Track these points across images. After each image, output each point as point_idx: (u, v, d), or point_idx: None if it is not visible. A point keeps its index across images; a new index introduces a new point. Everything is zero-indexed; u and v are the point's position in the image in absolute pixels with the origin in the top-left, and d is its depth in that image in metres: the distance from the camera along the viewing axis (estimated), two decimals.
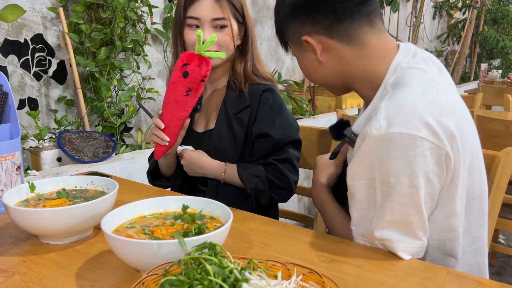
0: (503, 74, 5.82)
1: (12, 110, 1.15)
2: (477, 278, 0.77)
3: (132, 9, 2.30)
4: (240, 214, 1.05)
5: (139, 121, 2.67)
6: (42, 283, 0.76)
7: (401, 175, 0.80)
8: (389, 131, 0.79)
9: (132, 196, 1.18)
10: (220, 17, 1.24)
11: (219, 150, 1.32)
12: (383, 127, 0.80)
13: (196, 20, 1.25)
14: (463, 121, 0.88)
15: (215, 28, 1.25)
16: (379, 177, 0.83)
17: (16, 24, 2.05)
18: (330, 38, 0.91)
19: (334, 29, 0.90)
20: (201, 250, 0.62)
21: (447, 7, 5.84)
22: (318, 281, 0.61)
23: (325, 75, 0.97)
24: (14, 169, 1.08)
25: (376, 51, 0.92)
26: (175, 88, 1.16)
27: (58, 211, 0.85)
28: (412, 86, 0.84)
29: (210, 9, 1.24)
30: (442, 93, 0.85)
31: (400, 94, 0.83)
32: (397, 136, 0.79)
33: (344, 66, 0.93)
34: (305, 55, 0.97)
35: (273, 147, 1.28)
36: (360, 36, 0.91)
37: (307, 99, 3.46)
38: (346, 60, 0.93)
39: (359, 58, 0.92)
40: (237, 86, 1.32)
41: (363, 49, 0.92)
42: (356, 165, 0.86)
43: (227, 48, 1.28)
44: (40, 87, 2.18)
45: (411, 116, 0.79)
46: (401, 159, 0.80)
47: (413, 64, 0.89)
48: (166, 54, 2.75)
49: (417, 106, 0.80)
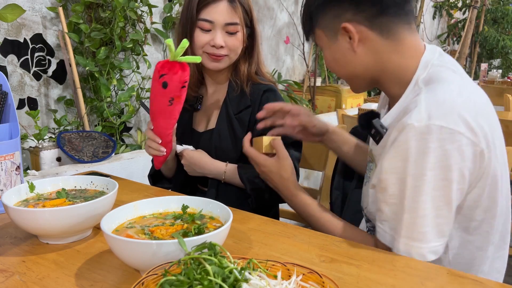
0: (503, 74, 5.82)
1: (12, 110, 1.15)
2: (477, 278, 0.77)
3: (132, 8, 2.30)
4: (240, 214, 1.05)
5: (138, 121, 2.67)
6: (41, 283, 0.76)
7: (436, 167, 0.81)
8: (429, 123, 0.80)
9: (131, 196, 1.18)
10: (233, 22, 1.25)
11: (220, 150, 1.32)
12: (424, 119, 0.81)
13: (209, 24, 1.24)
14: (494, 124, 0.89)
15: (227, 33, 1.25)
16: (414, 171, 0.82)
17: (16, 24, 2.05)
18: (370, 29, 0.92)
19: (376, 20, 0.91)
20: (201, 250, 0.62)
21: (447, 6, 5.84)
22: (318, 281, 0.61)
23: (356, 66, 0.96)
24: (14, 169, 1.08)
25: (409, 48, 0.93)
26: (157, 100, 1.12)
27: (57, 211, 0.85)
28: (449, 83, 0.86)
29: (225, 13, 1.24)
30: (475, 93, 0.88)
31: (439, 89, 0.85)
32: (437, 129, 0.80)
33: (377, 59, 0.94)
34: (338, 44, 0.95)
35: None
36: (398, 32, 0.92)
37: (307, 99, 3.46)
38: (380, 53, 0.93)
39: (393, 53, 0.93)
40: (239, 85, 1.32)
41: (398, 45, 0.93)
42: (391, 158, 0.85)
43: (236, 53, 1.28)
44: (40, 87, 2.18)
45: (451, 111, 0.81)
46: (438, 152, 0.80)
47: (443, 63, 0.91)
48: (166, 54, 2.74)
49: (456, 102, 0.82)
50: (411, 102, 0.87)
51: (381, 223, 0.91)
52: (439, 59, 0.93)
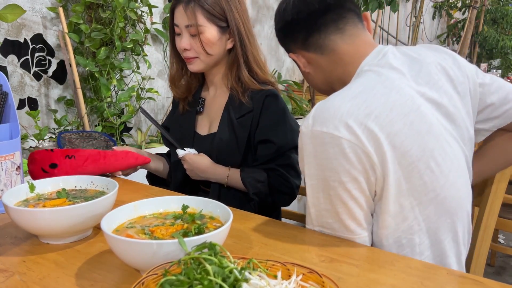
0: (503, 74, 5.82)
1: (12, 110, 1.15)
2: (477, 278, 0.77)
3: (132, 9, 2.30)
4: (240, 214, 1.05)
5: (138, 121, 2.67)
6: (42, 283, 0.76)
7: (325, 169, 0.86)
8: (313, 129, 0.86)
9: (132, 196, 1.18)
10: (190, 24, 1.25)
11: (222, 154, 1.32)
12: (310, 125, 0.87)
13: (177, 27, 1.29)
14: (408, 122, 0.87)
15: (191, 35, 1.27)
16: (308, 171, 0.89)
17: (16, 24, 2.05)
18: (307, 52, 1.02)
19: (307, 42, 1.00)
20: (201, 250, 0.62)
21: (446, 7, 5.84)
22: (318, 281, 0.61)
23: (317, 83, 1.08)
24: (14, 169, 1.08)
25: (346, 56, 0.99)
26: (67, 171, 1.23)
27: (58, 211, 0.85)
28: (350, 89, 0.91)
29: (183, 15, 1.25)
30: (381, 95, 0.88)
31: (334, 95, 0.90)
32: (319, 134, 0.86)
33: (325, 74, 1.03)
34: (299, 67, 1.07)
35: (275, 152, 1.28)
36: (330, 45, 0.99)
37: (306, 99, 3.47)
38: (324, 68, 1.02)
39: (332, 65, 1.00)
40: (236, 93, 1.31)
41: (334, 56, 0.99)
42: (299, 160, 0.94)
43: (205, 54, 1.27)
44: (40, 87, 2.18)
45: (333, 117, 0.85)
46: (324, 155, 0.86)
47: (373, 67, 0.94)
48: (166, 54, 2.74)
49: (342, 109, 0.86)
50: None
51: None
52: (374, 63, 0.95)
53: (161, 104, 2.78)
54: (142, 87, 2.51)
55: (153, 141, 2.59)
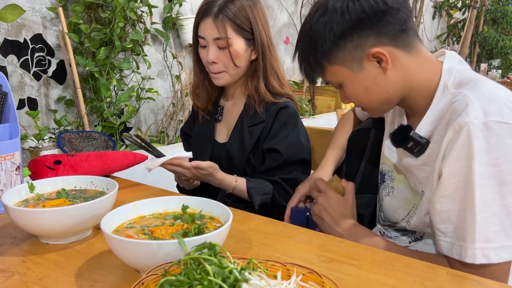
0: (503, 74, 5.82)
1: (12, 110, 1.15)
2: (477, 278, 0.77)
3: (132, 9, 2.30)
4: (240, 214, 1.05)
5: (138, 121, 2.66)
6: (41, 283, 0.76)
7: (500, 163, 0.80)
8: (487, 120, 0.81)
9: (131, 196, 1.18)
10: (219, 37, 1.24)
11: (228, 160, 1.35)
12: (480, 116, 0.81)
13: (203, 40, 1.27)
14: None
15: (219, 48, 1.26)
16: (478, 169, 0.81)
17: (16, 24, 2.05)
18: (396, 48, 0.90)
19: (399, 38, 0.90)
20: (200, 250, 0.62)
21: (446, 7, 5.84)
22: (318, 281, 0.61)
23: (389, 89, 0.93)
24: (14, 169, 1.08)
25: (427, 58, 0.94)
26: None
27: (57, 211, 0.85)
28: (486, 81, 0.87)
29: (211, 28, 1.24)
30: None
31: (482, 87, 0.85)
32: (495, 124, 0.80)
33: (406, 77, 0.93)
34: (365, 73, 0.92)
35: (281, 164, 1.30)
36: (416, 45, 0.93)
37: (306, 99, 3.47)
38: (408, 70, 0.92)
39: (418, 67, 0.93)
40: (252, 105, 1.32)
41: (419, 57, 0.93)
42: (454, 161, 0.84)
43: (232, 68, 1.28)
44: (40, 87, 2.18)
45: (502, 106, 0.82)
46: (499, 147, 0.80)
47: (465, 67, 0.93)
48: (166, 54, 2.74)
49: (505, 98, 0.83)
50: (451, 105, 0.87)
51: (445, 235, 0.88)
52: (460, 64, 0.94)
53: (161, 104, 2.78)
54: (142, 87, 2.51)
55: (153, 141, 2.59)
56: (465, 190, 0.83)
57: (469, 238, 0.83)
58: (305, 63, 0.98)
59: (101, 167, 1.32)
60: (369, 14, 0.88)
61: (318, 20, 0.92)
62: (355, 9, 0.88)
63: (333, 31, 0.90)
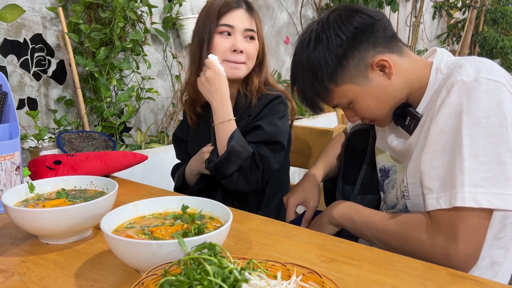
0: None
1: (12, 110, 1.15)
2: (477, 278, 0.77)
3: (132, 9, 2.30)
4: (240, 214, 1.05)
5: (138, 121, 2.66)
6: (41, 283, 0.76)
7: (490, 115, 0.83)
8: (478, 76, 0.85)
9: (131, 196, 1.18)
10: (251, 28, 1.30)
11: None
12: (472, 74, 0.86)
13: (229, 28, 1.28)
14: None
15: (246, 38, 1.30)
16: (468, 120, 0.84)
17: (16, 24, 2.05)
18: (391, 53, 0.97)
19: (390, 44, 0.97)
20: (200, 250, 0.62)
21: (446, 7, 5.84)
22: (318, 281, 0.61)
23: (395, 94, 0.99)
24: (14, 169, 1.08)
25: (416, 57, 1.01)
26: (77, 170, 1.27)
27: (57, 211, 0.85)
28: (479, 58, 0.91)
29: (244, 19, 1.29)
30: None
31: (473, 58, 0.91)
32: (485, 81, 0.85)
33: (406, 78, 0.98)
34: (372, 83, 0.97)
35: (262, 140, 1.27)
36: (404, 48, 1.00)
37: None
38: (407, 70, 0.98)
39: (413, 66, 0.99)
40: (248, 98, 1.34)
41: (410, 58, 0.99)
42: (445, 117, 0.87)
43: (252, 61, 1.32)
44: (40, 87, 2.18)
45: (493, 68, 0.88)
46: (489, 101, 0.84)
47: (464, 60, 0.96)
48: (166, 54, 2.74)
49: (495, 64, 0.89)
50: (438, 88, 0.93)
51: (432, 192, 0.88)
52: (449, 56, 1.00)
53: (161, 104, 2.78)
54: (142, 87, 2.51)
55: (152, 141, 2.59)
56: (454, 141, 0.85)
57: (458, 183, 0.83)
58: (309, 92, 1.03)
59: (101, 167, 1.32)
60: (361, 29, 0.96)
61: (314, 50, 0.98)
62: (348, 28, 0.96)
63: (334, 53, 0.96)
